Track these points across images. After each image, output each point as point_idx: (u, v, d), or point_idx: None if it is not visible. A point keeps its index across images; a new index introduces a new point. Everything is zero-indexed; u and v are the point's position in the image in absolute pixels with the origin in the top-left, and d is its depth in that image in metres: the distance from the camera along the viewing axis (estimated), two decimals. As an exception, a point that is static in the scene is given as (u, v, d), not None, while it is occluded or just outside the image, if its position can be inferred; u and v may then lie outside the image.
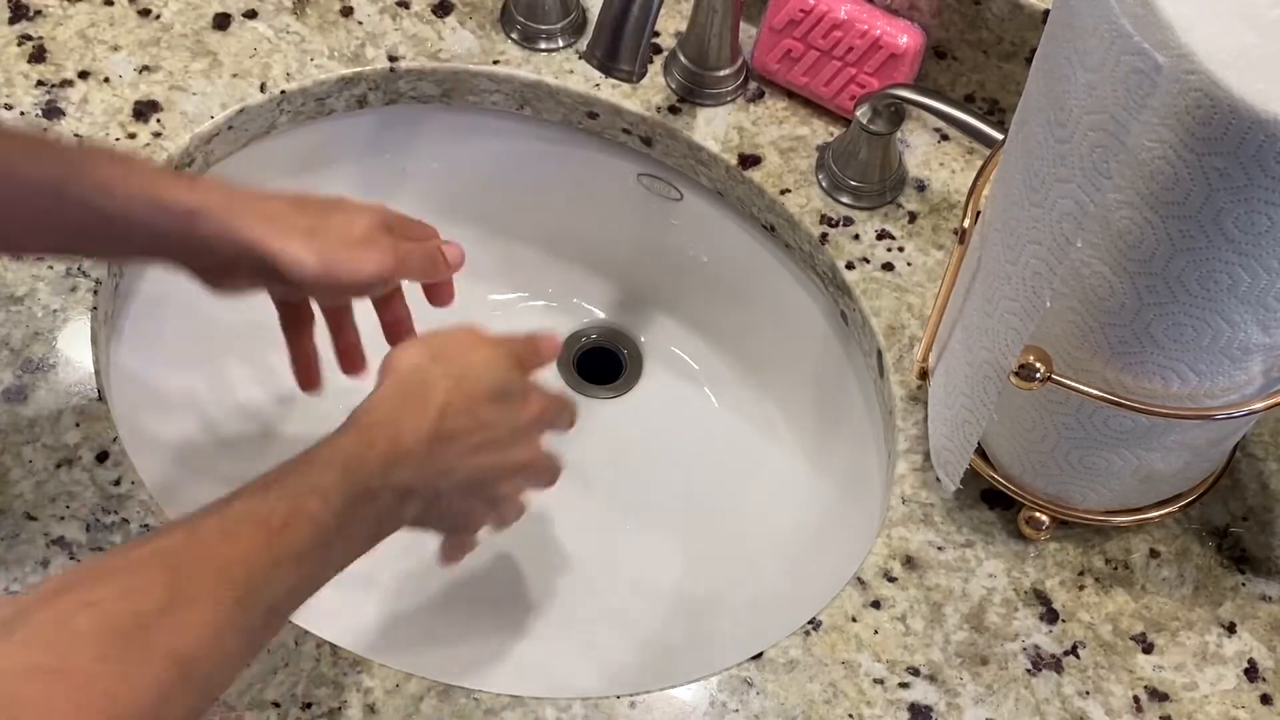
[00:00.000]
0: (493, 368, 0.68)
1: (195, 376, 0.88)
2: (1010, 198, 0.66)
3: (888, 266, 0.85)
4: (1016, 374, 0.65)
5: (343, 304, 0.76)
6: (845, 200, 0.87)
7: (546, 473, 0.73)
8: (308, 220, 0.68)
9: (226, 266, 0.68)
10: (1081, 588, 0.75)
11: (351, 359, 0.78)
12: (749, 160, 0.89)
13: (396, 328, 0.77)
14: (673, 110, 0.90)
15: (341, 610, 0.82)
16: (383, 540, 0.64)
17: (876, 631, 0.72)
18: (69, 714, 0.48)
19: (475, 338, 0.69)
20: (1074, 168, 0.59)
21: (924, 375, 0.78)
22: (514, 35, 0.92)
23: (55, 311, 0.78)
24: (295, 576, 0.58)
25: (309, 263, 0.67)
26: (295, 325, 0.76)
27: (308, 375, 0.78)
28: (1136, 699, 0.71)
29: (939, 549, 0.75)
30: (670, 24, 0.93)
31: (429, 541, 0.89)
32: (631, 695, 0.70)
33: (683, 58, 0.90)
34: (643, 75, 0.80)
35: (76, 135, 0.84)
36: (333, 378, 0.80)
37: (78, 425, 0.75)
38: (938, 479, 0.76)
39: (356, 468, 0.61)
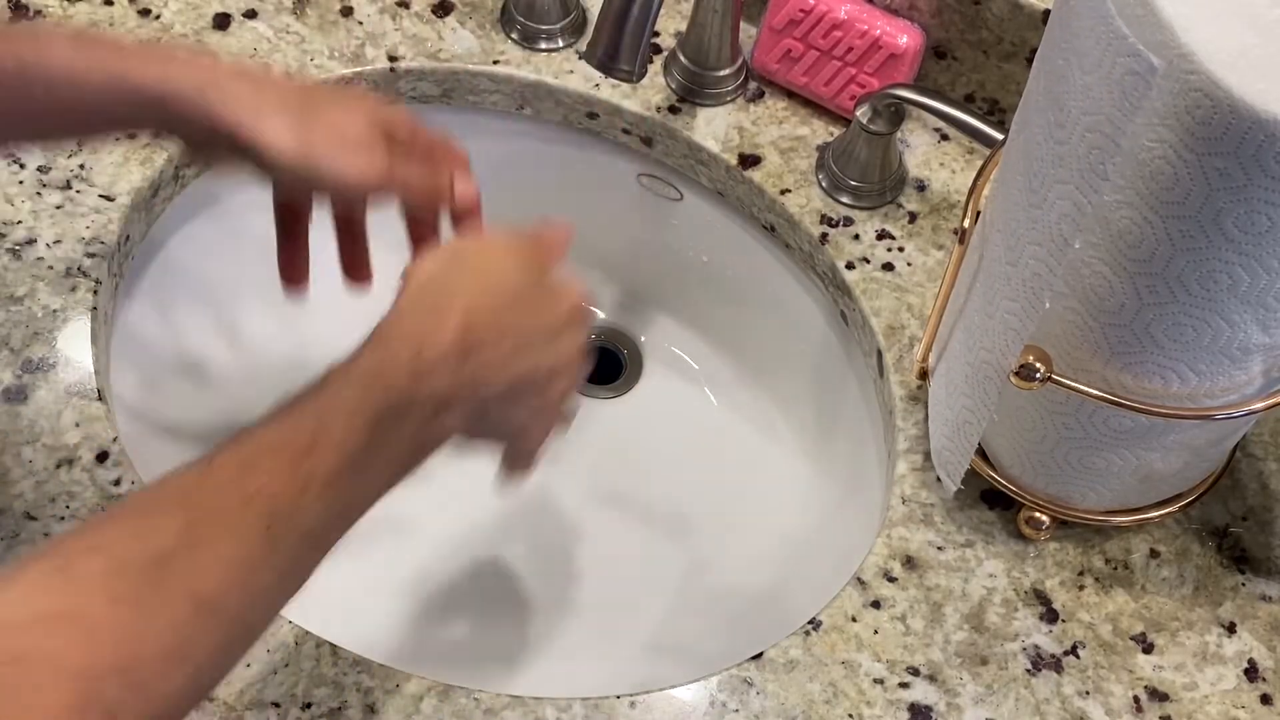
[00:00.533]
0: (515, 271, 0.64)
1: (195, 376, 0.88)
2: (1010, 198, 0.66)
3: (888, 266, 0.85)
4: (1016, 374, 0.65)
5: (350, 211, 0.72)
6: (845, 200, 0.87)
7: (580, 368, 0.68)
8: (296, 104, 0.65)
9: (204, 143, 0.65)
10: (1081, 588, 0.75)
11: (355, 268, 0.74)
12: (749, 160, 0.89)
13: (419, 238, 0.73)
14: (673, 110, 0.90)
15: (342, 610, 0.82)
16: (429, 456, 0.60)
17: (876, 631, 0.72)
18: (80, 660, 0.46)
19: (494, 242, 0.66)
20: (1072, 169, 0.59)
21: (924, 375, 0.78)
22: (514, 35, 0.92)
23: (55, 311, 0.78)
24: (329, 502, 0.55)
25: (286, 147, 0.63)
26: (289, 224, 0.73)
27: (291, 271, 0.74)
28: (1136, 699, 0.71)
29: (939, 549, 0.75)
30: (670, 24, 0.93)
31: (430, 541, 0.89)
32: (631, 695, 0.70)
33: (683, 58, 0.90)
34: (643, 75, 0.80)
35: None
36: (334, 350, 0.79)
37: (78, 425, 0.75)
38: (939, 479, 0.76)
39: (381, 382, 0.57)
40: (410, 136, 0.69)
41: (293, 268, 0.74)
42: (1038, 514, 0.75)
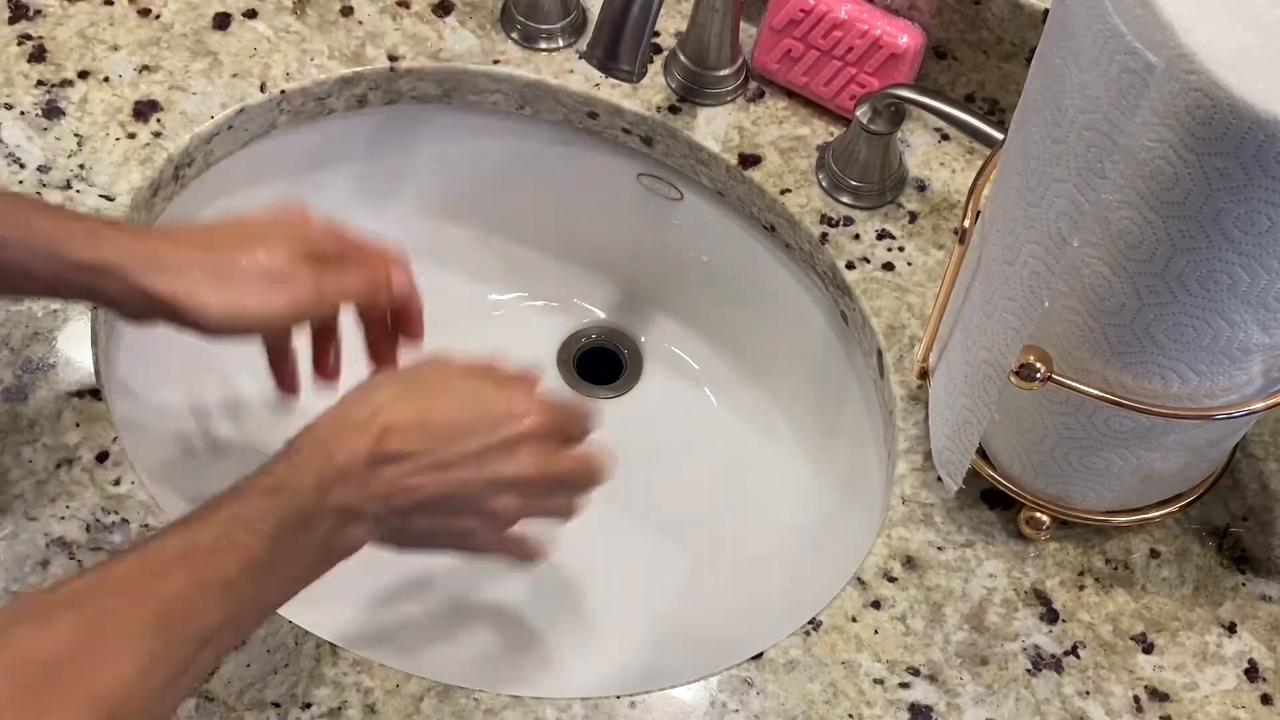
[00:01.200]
0: (461, 383, 0.66)
1: (195, 376, 0.88)
2: (1009, 197, 0.66)
3: (888, 266, 0.85)
4: (1016, 374, 0.65)
5: (285, 341, 0.75)
6: (845, 200, 0.87)
7: (570, 485, 0.69)
8: (215, 262, 0.66)
9: (138, 315, 0.67)
10: (1082, 588, 0.75)
11: (323, 367, 0.76)
12: (749, 160, 0.89)
13: (377, 356, 0.75)
14: (673, 110, 0.90)
15: (342, 610, 0.82)
16: (338, 563, 0.62)
17: (877, 631, 0.72)
18: None
19: (447, 364, 0.67)
20: (1069, 167, 0.59)
21: (924, 375, 0.78)
22: (514, 35, 0.92)
23: (55, 311, 0.78)
24: (226, 605, 0.57)
25: (213, 310, 0.65)
26: (272, 351, 0.75)
27: (285, 384, 0.77)
28: (1137, 699, 0.71)
29: (939, 549, 0.75)
30: (670, 24, 0.93)
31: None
32: (631, 695, 0.70)
33: (683, 57, 0.90)
34: (643, 75, 0.80)
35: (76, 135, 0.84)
36: (323, 391, 0.80)
37: (78, 425, 0.75)
38: (939, 479, 0.76)
39: (287, 491, 0.59)
40: (336, 248, 0.70)
41: (285, 382, 0.77)
42: (1038, 514, 0.75)
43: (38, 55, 0.87)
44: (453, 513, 0.64)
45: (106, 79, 0.87)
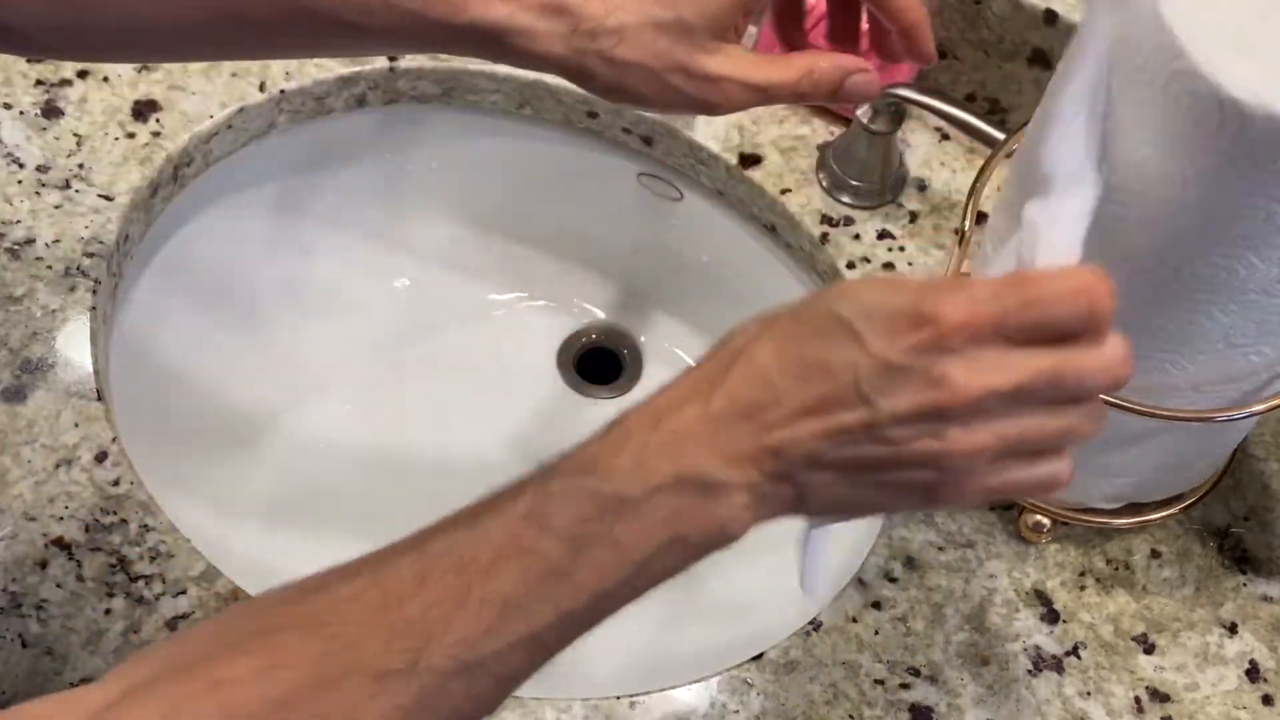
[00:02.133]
0: (841, 330, 0.46)
1: (195, 376, 0.88)
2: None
3: (888, 266, 0.85)
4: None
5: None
6: (846, 200, 0.87)
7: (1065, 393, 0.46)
8: (615, 30, 0.55)
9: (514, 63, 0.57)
10: (1082, 588, 0.75)
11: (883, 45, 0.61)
12: (749, 160, 0.89)
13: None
14: (673, 110, 0.90)
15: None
16: (713, 550, 0.47)
17: (877, 632, 0.72)
18: None
19: (857, 291, 0.47)
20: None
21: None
22: (514, 35, 0.92)
23: (55, 311, 0.78)
24: (517, 627, 0.45)
25: (612, 84, 0.56)
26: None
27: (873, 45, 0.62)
28: (1138, 699, 0.71)
29: (940, 549, 0.75)
30: (670, 23, 0.92)
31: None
32: (631, 695, 0.70)
33: (683, 57, 0.89)
34: (643, 75, 0.79)
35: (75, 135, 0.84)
36: (339, 375, 0.80)
37: (77, 425, 0.75)
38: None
39: (593, 473, 0.46)
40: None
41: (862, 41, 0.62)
42: (1039, 517, 0.75)
43: (37, 55, 0.87)
44: (866, 467, 0.46)
45: (106, 79, 0.86)
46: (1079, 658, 0.72)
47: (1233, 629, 0.74)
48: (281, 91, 0.88)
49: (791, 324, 0.47)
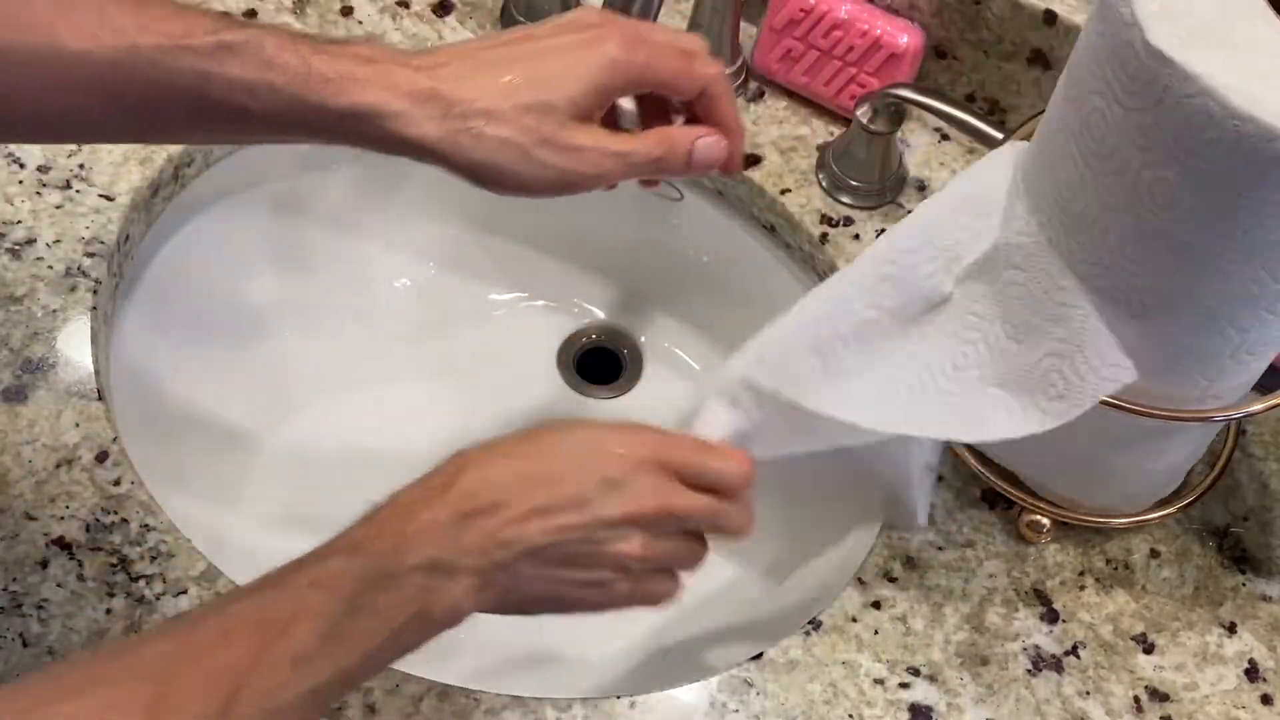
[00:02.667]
0: (561, 433, 0.58)
1: (195, 376, 0.88)
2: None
3: (888, 266, 0.85)
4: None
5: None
6: (845, 200, 0.87)
7: (696, 523, 0.60)
8: (484, 114, 0.59)
9: (389, 152, 0.60)
10: (1082, 588, 0.75)
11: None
12: (749, 160, 0.89)
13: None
14: (673, 110, 0.90)
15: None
16: (443, 630, 0.56)
17: (877, 631, 0.72)
18: None
19: (573, 425, 0.59)
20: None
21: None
22: (514, 35, 0.92)
23: (55, 311, 0.78)
24: (302, 679, 0.52)
25: (481, 165, 0.59)
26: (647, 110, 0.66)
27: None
28: (1137, 699, 0.71)
29: (939, 549, 0.75)
30: (670, 24, 0.93)
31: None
32: (631, 695, 0.70)
33: (683, 57, 0.90)
34: (643, 75, 0.79)
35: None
36: (337, 377, 0.79)
37: (77, 425, 0.75)
38: (940, 478, 0.76)
39: (363, 552, 0.54)
40: (631, 77, 0.61)
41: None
42: (1038, 517, 0.75)
43: (37, 55, 0.87)
44: (570, 563, 0.57)
45: (106, 79, 0.86)
46: (1078, 657, 0.72)
47: (1232, 629, 0.74)
48: (282, 92, 0.88)
49: (521, 444, 0.57)
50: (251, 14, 0.90)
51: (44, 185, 0.82)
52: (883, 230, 0.86)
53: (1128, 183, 0.57)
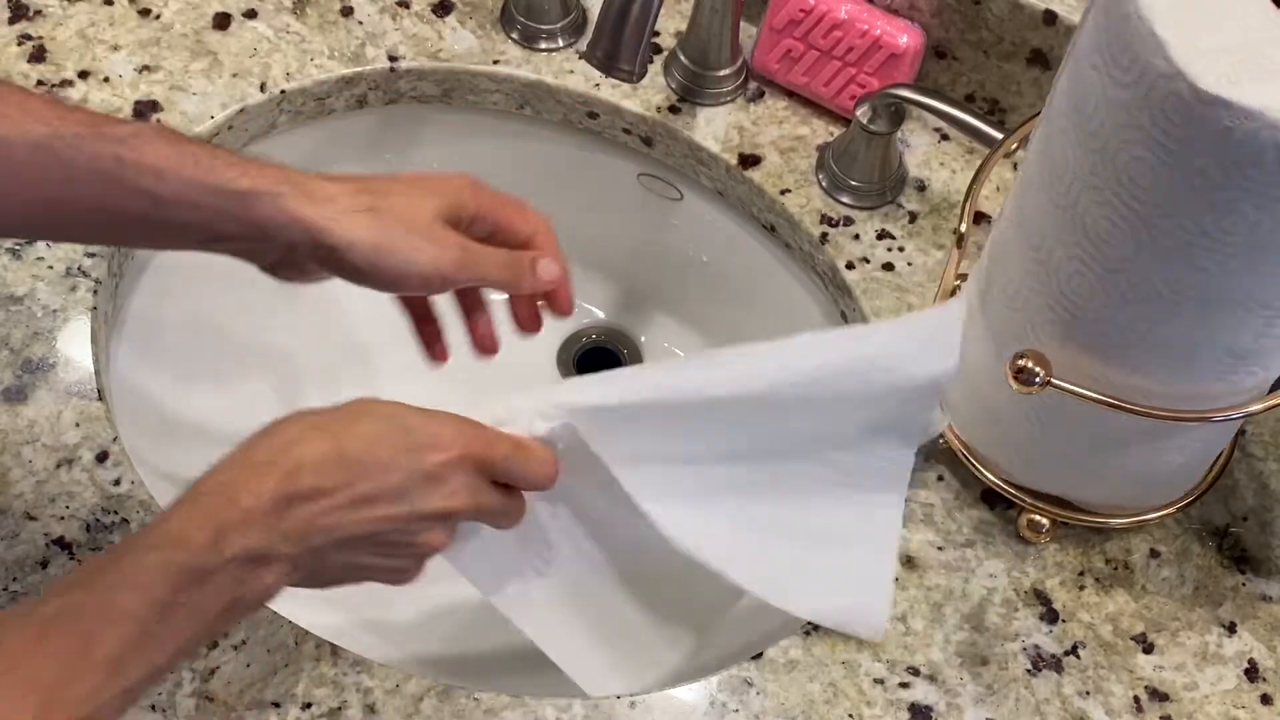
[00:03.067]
0: (383, 414, 0.60)
1: (195, 376, 0.88)
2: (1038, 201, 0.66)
3: (888, 266, 0.85)
4: (1015, 378, 0.65)
5: (425, 302, 0.72)
6: (845, 200, 0.87)
7: (496, 520, 0.65)
8: (368, 200, 0.64)
9: (283, 251, 0.64)
10: (1082, 588, 0.75)
11: (477, 339, 0.73)
12: (749, 160, 0.89)
13: (477, 341, 0.72)
14: (673, 110, 0.90)
15: (342, 610, 0.82)
16: (252, 612, 0.58)
17: (876, 631, 0.72)
18: None
19: (375, 399, 0.61)
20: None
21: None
22: (514, 35, 0.92)
23: (55, 311, 0.78)
24: (118, 683, 0.52)
25: (360, 242, 0.62)
26: (415, 311, 0.73)
27: (432, 350, 0.75)
28: (1137, 699, 0.71)
29: (939, 549, 0.75)
30: (670, 24, 0.93)
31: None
32: (631, 695, 0.70)
33: (683, 57, 0.90)
34: (643, 75, 0.80)
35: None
36: (335, 376, 0.79)
37: (78, 425, 0.75)
38: (940, 479, 0.76)
39: (179, 547, 0.54)
40: (484, 210, 0.67)
41: (432, 347, 0.75)
42: (1037, 517, 0.75)
43: (38, 55, 0.87)
44: (378, 550, 0.60)
45: (106, 79, 0.87)
46: (1078, 657, 0.72)
47: (1231, 628, 0.74)
48: (282, 92, 0.88)
49: (343, 429, 0.58)
50: (252, 14, 0.91)
51: (44, 185, 0.82)
52: (882, 230, 0.86)
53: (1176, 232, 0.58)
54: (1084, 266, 0.62)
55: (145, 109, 0.85)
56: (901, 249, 0.86)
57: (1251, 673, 0.73)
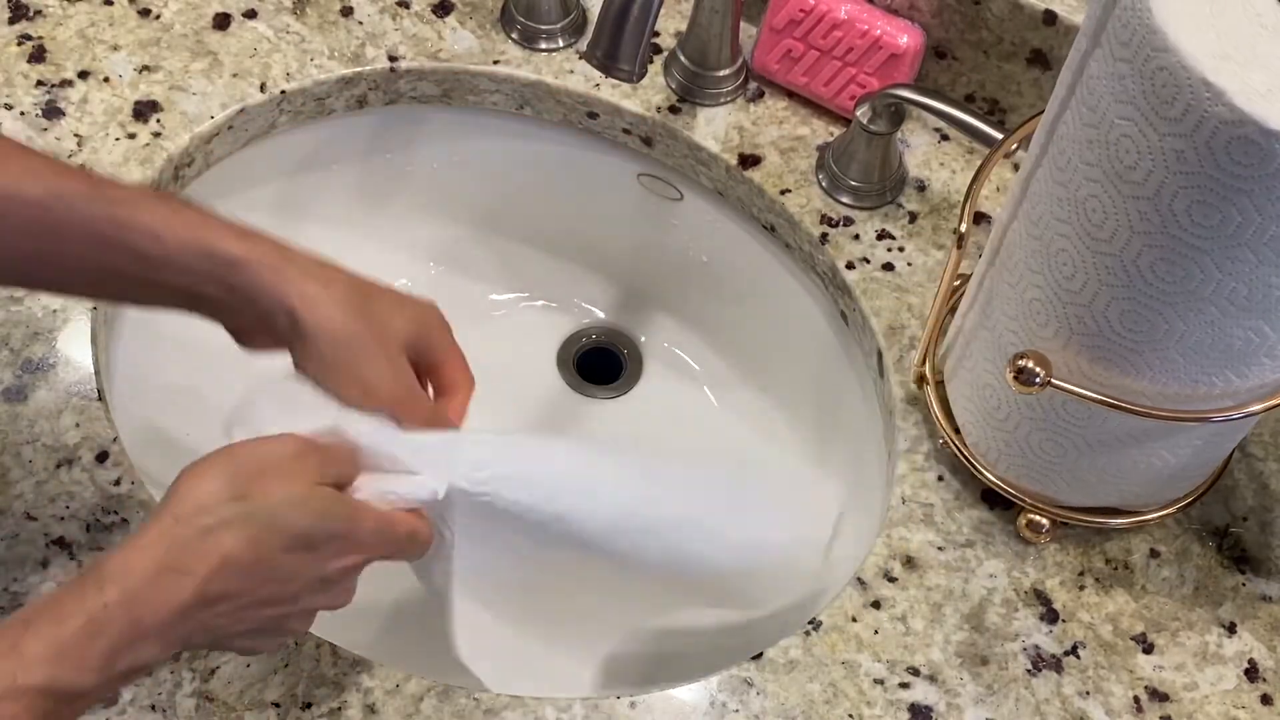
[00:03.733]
0: (307, 504, 0.58)
1: (196, 376, 0.88)
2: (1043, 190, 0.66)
3: (888, 266, 0.85)
4: (1015, 378, 0.65)
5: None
6: (845, 200, 0.87)
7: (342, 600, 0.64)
8: (358, 300, 0.65)
9: (256, 320, 0.64)
10: (1082, 588, 0.75)
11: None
12: (749, 160, 0.89)
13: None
14: (673, 110, 0.90)
15: (342, 610, 0.82)
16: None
17: (877, 631, 0.72)
18: None
19: (300, 463, 0.59)
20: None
21: (921, 380, 0.78)
22: (514, 35, 0.92)
23: (55, 311, 0.78)
24: None
25: (333, 334, 0.63)
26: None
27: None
28: (1137, 699, 0.71)
29: (939, 549, 0.75)
30: (670, 24, 0.93)
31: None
32: (631, 695, 0.70)
33: (683, 58, 0.90)
34: (643, 75, 0.80)
35: (77, 135, 0.84)
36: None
37: (78, 425, 0.75)
38: (939, 478, 0.76)
39: (68, 667, 0.53)
40: (436, 352, 0.68)
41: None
42: (1037, 517, 0.75)
43: (38, 55, 0.87)
44: (263, 633, 0.60)
45: (106, 79, 0.87)
46: (1078, 657, 0.72)
47: (1231, 628, 0.74)
48: (282, 92, 0.88)
49: (264, 525, 0.57)
50: (252, 14, 0.91)
51: (44, 185, 0.82)
52: (882, 230, 0.86)
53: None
54: (1086, 266, 0.62)
55: (145, 109, 0.86)
56: (901, 249, 0.86)
57: (1251, 673, 0.73)
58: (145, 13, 0.90)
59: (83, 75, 0.87)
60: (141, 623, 0.54)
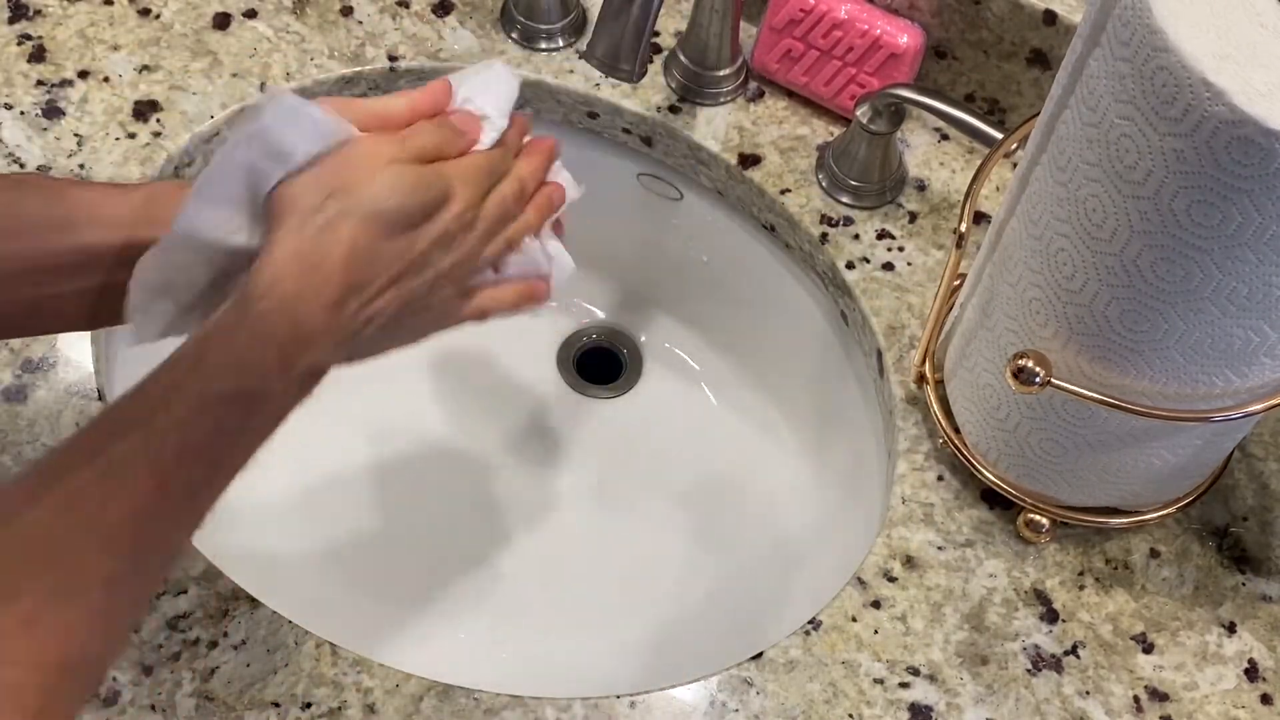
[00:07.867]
0: (399, 183, 0.58)
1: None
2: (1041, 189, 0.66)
3: (888, 266, 0.85)
4: (1015, 378, 0.65)
5: None
6: (845, 200, 0.87)
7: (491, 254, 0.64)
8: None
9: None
10: (1082, 588, 0.75)
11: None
12: (749, 160, 0.89)
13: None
14: (673, 110, 0.90)
15: (341, 610, 0.82)
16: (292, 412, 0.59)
17: (876, 631, 0.72)
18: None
19: (376, 149, 0.59)
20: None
21: (921, 380, 0.78)
22: (514, 35, 0.92)
23: (55, 311, 0.78)
24: (190, 517, 0.55)
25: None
26: None
27: None
28: (1136, 699, 0.71)
29: (939, 549, 0.75)
30: (670, 24, 0.93)
31: (430, 542, 0.89)
32: (631, 695, 0.70)
33: (683, 57, 0.90)
34: (643, 75, 0.80)
35: (76, 134, 0.84)
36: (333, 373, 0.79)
37: (77, 425, 0.75)
38: (939, 478, 0.76)
39: (250, 374, 0.55)
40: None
41: None
42: (1037, 517, 0.75)
43: (38, 55, 0.87)
44: (407, 318, 0.60)
45: (106, 79, 0.87)
46: (1078, 657, 0.72)
47: (1231, 628, 0.74)
48: (282, 92, 0.88)
49: (368, 212, 0.57)
50: (252, 14, 0.91)
51: (44, 185, 0.82)
52: (882, 230, 0.86)
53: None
54: (1086, 266, 0.62)
55: (145, 109, 0.85)
56: (901, 249, 0.86)
57: (1251, 673, 0.73)
58: (145, 12, 0.90)
59: (83, 75, 0.87)
60: (302, 324, 0.56)
